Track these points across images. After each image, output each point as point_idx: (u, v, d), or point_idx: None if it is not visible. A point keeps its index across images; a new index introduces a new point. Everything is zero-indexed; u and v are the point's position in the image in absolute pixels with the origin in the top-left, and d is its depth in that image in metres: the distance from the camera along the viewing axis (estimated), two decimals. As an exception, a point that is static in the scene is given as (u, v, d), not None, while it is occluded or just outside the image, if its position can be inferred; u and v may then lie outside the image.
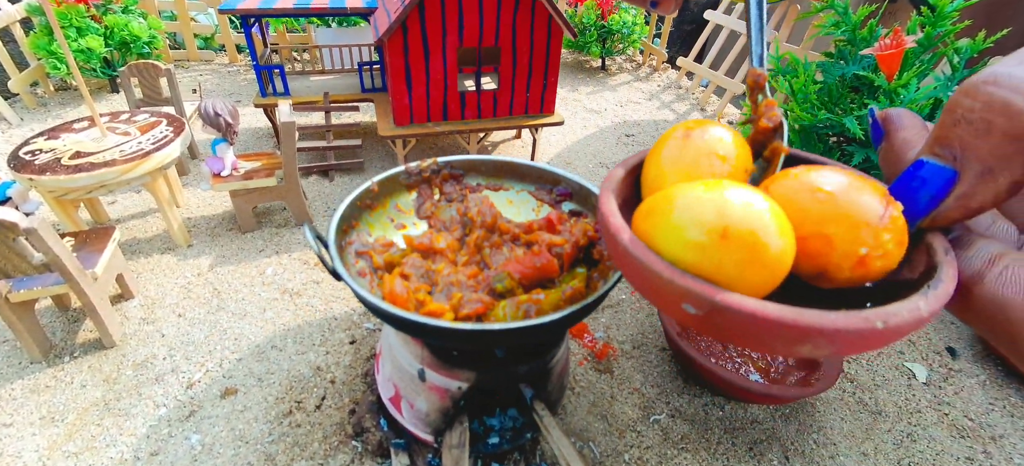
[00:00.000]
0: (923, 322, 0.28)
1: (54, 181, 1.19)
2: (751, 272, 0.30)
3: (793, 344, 0.28)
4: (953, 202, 0.30)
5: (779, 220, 0.32)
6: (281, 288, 1.34)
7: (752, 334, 0.29)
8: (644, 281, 0.33)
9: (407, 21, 1.49)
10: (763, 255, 0.30)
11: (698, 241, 0.31)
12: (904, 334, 0.28)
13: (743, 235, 0.30)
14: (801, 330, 0.27)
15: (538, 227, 0.84)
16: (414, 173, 0.92)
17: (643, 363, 1.18)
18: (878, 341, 0.28)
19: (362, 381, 1.08)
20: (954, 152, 0.29)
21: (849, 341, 0.28)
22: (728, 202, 0.31)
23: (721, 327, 0.30)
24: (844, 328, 0.27)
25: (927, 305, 0.28)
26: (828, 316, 0.27)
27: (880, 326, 0.27)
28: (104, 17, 2.37)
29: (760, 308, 0.28)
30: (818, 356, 0.31)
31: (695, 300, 0.30)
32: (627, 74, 3.24)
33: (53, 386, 1.08)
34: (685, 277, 0.30)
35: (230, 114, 1.35)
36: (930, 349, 1.30)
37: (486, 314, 0.68)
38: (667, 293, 0.31)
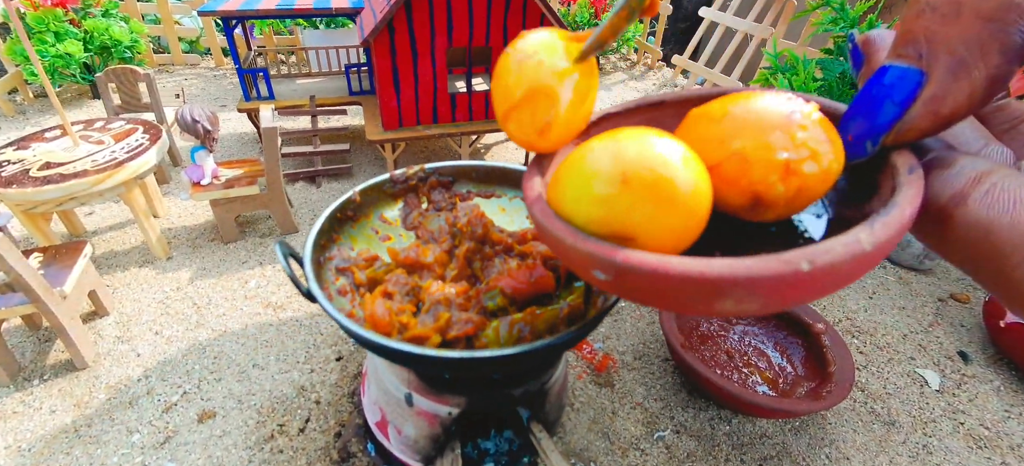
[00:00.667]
0: (866, 258, 0.23)
1: (21, 194, 1.13)
2: (664, 215, 0.28)
3: (711, 300, 0.25)
4: (921, 108, 0.25)
5: (682, 152, 0.29)
6: (264, 301, 1.28)
7: (664, 294, 0.26)
8: (558, 250, 0.31)
9: (393, 21, 1.43)
10: (670, 192, 0.28)
11: (602, 194, 0.29)
12: (845, 275, 0.24)
13: (643, 175, 0.28)
14: (713, 283, 0.24)
15: (532, 237, 0.78)
16: (400, 181, 0.86)
17: (645, 375, 1.12)
18: (811, 287, 0.24)
19: (348, 401, 1.02)
20: (920, 49, 0.24)
21: (773, 289, 0.24)
22: (621, 147, 0.29)
23: (634, 291, 0.27)
24: (761, 274, 0.23)
25: (871, 237, 0.23)
26: (742, 263, 0.23)
27: (806, 268, 0.23)
28: (83, 21, 2.30)
29: (663, 264, 0.25)
30: (746, 311, 0.26)
31: (601, 264, 0.27)
32: (622, 73, 3.19)
33: (21, 412, 1.02)
34: (587, 241, 0.28)
35: (209, 120, 1.29)
36: (941, 354, 1.25)
37: (476, 335, 0.63)
38: (576, 259, 0.29)
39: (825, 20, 1.70)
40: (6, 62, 2.34)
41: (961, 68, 0.23)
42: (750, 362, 1.12)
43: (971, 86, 0.23)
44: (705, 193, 0.29)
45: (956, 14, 0.23)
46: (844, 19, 1.68)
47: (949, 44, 0.23)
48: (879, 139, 0.27)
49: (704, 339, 1.16)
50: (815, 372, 1.07)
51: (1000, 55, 0.22)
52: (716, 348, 1.14)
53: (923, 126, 0.25)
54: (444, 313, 0.63)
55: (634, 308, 1.31)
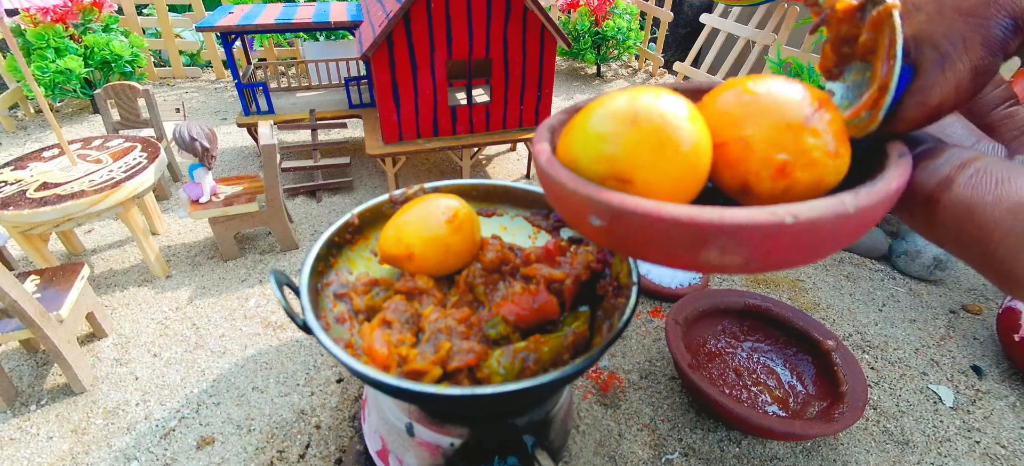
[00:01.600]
0: (848, 220, 0.24)
1: (17, 216, 1.11)
2: (665, 161, 0.29)
3: (697, 248, 0.26)
4: (910, 100, 0.26)
5: (691, 114, 0.31)
6: (264, 321, 1.26)
7: (653, 239, 0.27)
8: (558, 200, 0.32)
9: (392, 35, 1.42)
10: (674, 140, 0.29)
11: (610, 132, 0.31)
12: (828, 236, 0.25)
13: (652, 119, 0.30)
14: (700, 228, 0.25)
15: (536, 258, 0.76)
16: (399, 201, 0.84)
17: (652, 395, 1.10)
18: (795, 243, 0.25)
19: (349, 426, 1.00)
20: (908, 46, 0.26)
21: (757, 240, 0.25)
22: (636, 94, 0.31)
23: (625, 237, 0.29)
24: (748, 223, 0.24)
25: (854, 200, 0.24)
26: (729, 211, 0.24)
27: (789, 220, 0.24)
28: (84, 37, 2.30)
29: (656, 207, 0.26)
30: (730, 265, 0.27)
31: (597, 208, 0.29)
32: (623, 80, 3.18)
33: (17, 439, 1.00)
34: (587, 185, 0.29)
35: (207, 138, 1.28)
36: (955, 369, 1.22)
37: (478, 365, 0.61)
38: (575, 206, 0.30)
39: (829, 27, 1.69)
40: (7, 78, 2.34)
41: (946, 62, 0.25)
42: (759, 380, 1.09)
43: (957, 78, 0.25)
44: (705, 152, 0.31)
45: (939, 11, 0.24)
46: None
47: (933, 39, 0.25)
48: None
49: (711, 357, 1.13)
50: (826, 391, 1.04)
51: (982, 48, 0.24)
52: (724, 366, 1.12)
53: (913, 116, 0.26)
54: (445, 342, 0.61)
55: (640, 325, 1.29)
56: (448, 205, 0.73)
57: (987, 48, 0.24)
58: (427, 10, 1.41)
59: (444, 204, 0.73)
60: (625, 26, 2.96)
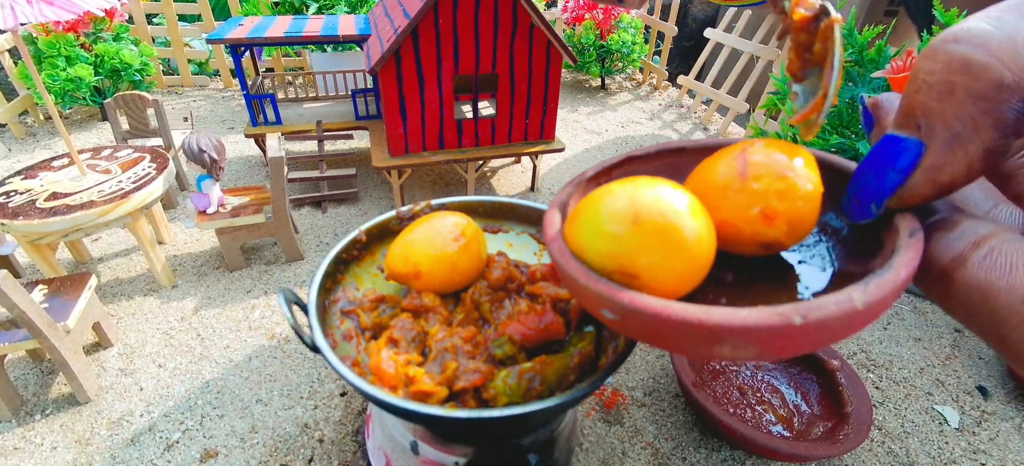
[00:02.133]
0: (858, 316, 0.25)
1: (27, 226, 1.12)
2: (669, 258, 0.30)
3: (709, 344, 0.27)
4: (920, 176, 0.26)
5: (690, 203, 0.32)
6: (269, 333, 1.26)
7: (666, 336, 0.28)
8: (572, 288, 0.33)
9: (400, 49, 1.44)
10: (677, 238, 0.31)
11: (613, 232, 0.32)
12: (837, 331, 0.25)
13: (653, 219, 0.31)
14: (711, 329, 0.26)
15: (541, 276, 0.77)
16: (406, 218, 0.85)
17: (656, 413, 1.10)
18: (804, 339, 0.26)
19: (352, 441, 1.00)
20: (919, 121, 0.26)
21: (767, 340, 0.26)
22: (639, 192, 0.32)
23: (638, 330, 0.30)
24: (756, 325, 0.25)
25: (863, 296, 0.25)
26: (739, 313, 0.25)
27: (798, 322, 0.24)
28: (94, 45, 2.33)
29: (665, 308, 0.27)
30: (742, 358, 0.28)
31: (609, 304, 0.30)
32: (627, 93, 3.19)
33: (22, 448, 1.00)
34: (598, 282, 0.30)
35: (215, 149, 1.29)
36: (960, 389, 1.22)
37: (485, 385, 0.61)
38: (588, 299, 0.32)
39: (833, 45, 1.69)
40: (17, 85, 2.37)
41: (957, 141, 0.24)
42: (763, 399, 1.09)
43: (968, 158, 0.24)
44: (708, 243, 0.32)
45: (949, 92, 0.24)
46: (852, 44, 1.67)
47: (945, 119, 0.25)
48: (883, 203, 0.29)
49: (715, 375, 1.13)
50: (831, 411, 1.04)
51: (994, 130, 0.23)
52: (728, 384, 1.12)
53: (924, 192, 0.27)
54: (451, 362, 0.62)
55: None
56: (455, 223, 0.73)
57: (999, 130, 0.23)
58: (435, 26, 1.43)
59: (451, 222, 0.74)
60: (630, 40, 2.97)
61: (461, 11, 1.43)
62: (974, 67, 0.23)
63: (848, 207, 0.33)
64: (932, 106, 0.25)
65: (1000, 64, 0.22)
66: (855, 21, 1.69)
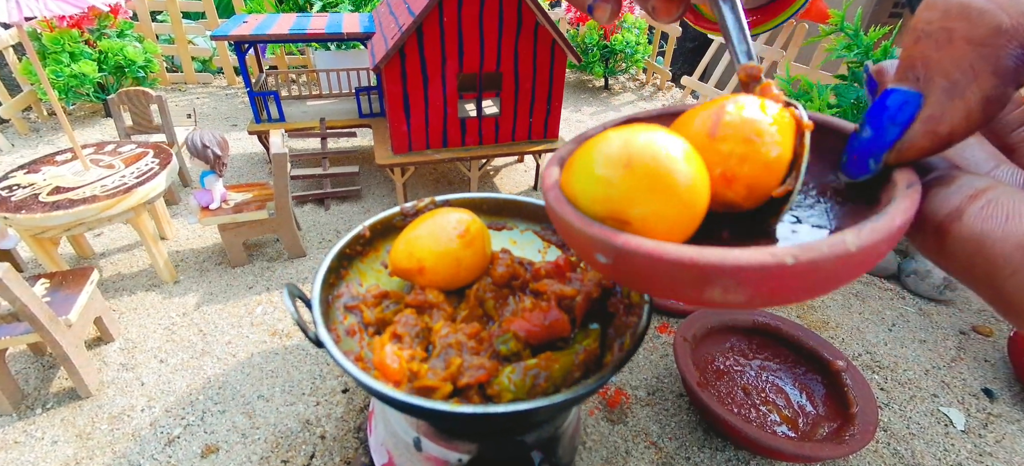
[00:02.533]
0: (851, 260, 0.24)
1: (29, 220, 1.12)
2: (660, 203, 0.30)
3: (700, 287, 0.27)
4: (919, 128, 0.26)
5: (685, 149, 0.31)
6: (271, 329, 1.26)
7: (657, 278, 0.28)
8: (567, 234, 0.33)
9: (405, 48, 1.43)
10: (668, 182, 0.30)
11: (606, 176, 0.31)
12: (829, 276, 0.25)
13: (645, 162, 0.30)
14: (702, 269, 0.26)
15: (546, 273, 0.76)
16: (410, 214, 0.84)
17: (659, 412, 1.09)
18: (797, 283, 0.25)
19: (354, 437, 0.99)
20: (918, 73, 0.25)
21: (758, 280, 0.25)
22: (632, 136, 0.32)
23: (630, 274, 0.30)
24: (748, 264, 0.24)
25: (856, 239, 0.24)
26: (731, 253, 0.25)
27: (790, 261, 0.24)
28: (99, 42, 2.33)
29: (658, 248, 0.27)
30: (733, 303, 0.27)
31: (602, 247, 0.29)
32: (630, 93, 3.19)
33: (22, 442, 1.00)
34: (592, 224, 0.30)
35: (218, 146, 1.29)
36: (966, 391, 1.21)
37: (489, 382, 0.60)
38: (581, 243, 0.31)
39: (839, 45, 1.69)
40: (21, 81, 2.37)
41: (955, 90, 0.24)
42: (768, 399, 1.08)
43: (966, 107, 0.24)
44: (701, 190, 0.31)
45: (948, 40, 0.24)
46: (858, 45, 1.66)
47: (943, 68, 0.24)
48: (881, 157, 0.29)
49: (719, 374, 1.12)
50: (836, 412, 1.03)
51: (993, 77, 0.23)
52: (732, 384, 1.11)
53: (922, 145, 0.26)
54: (455, 358, 0.61)
55: (648, 341, 1.28)
56: (460, 220, 0.73)
57: (999, 78, 0.23)
58: (440, 24, 1.42)
59: (455, 219, 0.73)
60: (633, 40, 2.97)
61: (466, 9, 1.43)
62: (972, 12, 0.23)
63: (846, 165, 0.33)
64: (930, 55, 0.25)
65: (998, 8, 0.22)
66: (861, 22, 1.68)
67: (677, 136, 0.33)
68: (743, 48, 0.37)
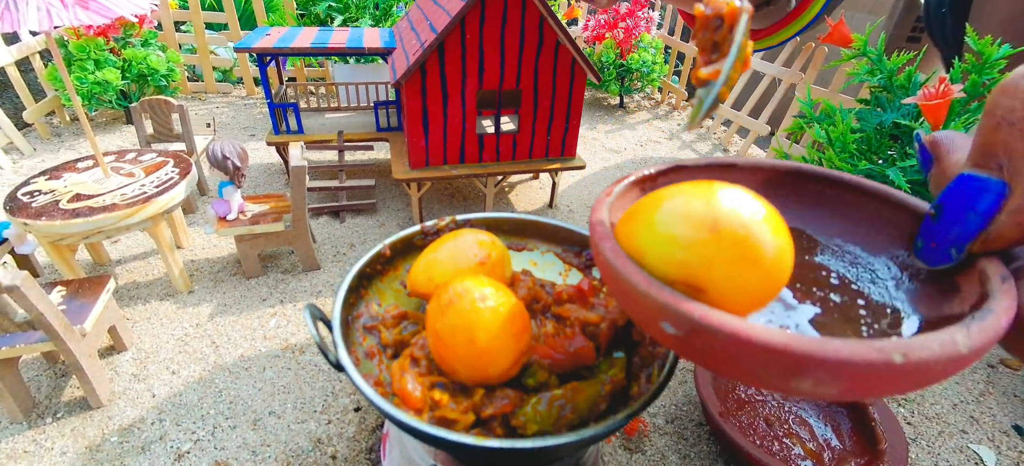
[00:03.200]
0: (960, 361, 0.23)
1: (49, 226, 1.12)
2: (745, 274, 0.27)
3: (788, 377, 0.24)
4: (1007, 219, 0.25)
5: (771, 220, 0.29)
6: (284, 343, 1.24)
7: (738, 361, 0.25)
8: (625, 295, 0.29)
9: (426, 64, 1.43)
10: (757, 253, 0.27)
11: (687, 238, 0.28)
12: (935, 375, 0.23)
13: (735, 229, 0.28)
14: (796, 359, 0.23)
15: (568, 297, 0.74)
16: (431, 233, 0.83)
17: (678, 441, 1.06)
18: (899, 381, 0.23)
19: (366, 459, 0.97)
20: (1000, 161, 0.24)
21: (859, 377, 0.23)
22: (716, 196, 0.29)
23: (704, 352, 0.27)
24: (850, 359, 0.22)
25: (967, 339, 0.23)
26: (832, 343, 0.22)
27: (899, 360, 0.22)
28: (123, 50, 2.37)
29: (746, 329, 0.24)
30: (822, 395, 0.25)
31: (673, 317, 0.26)
32: (646, 112, 3.18)
33: (31, 452, 0.99)
34: (663, 290, 0.27)
35: (238, 157, 1.29)
36: (996, 428, 1.16)
37: (513, 412, 0.58)
38: (645, 308, 0.28)
39: (861, 70, 1.66)
40: (46, 86, 2.41)
41: None
42: (791, 432, 1.05)
43: None
44: (787, 263, 0.29)
45: None
46: (881, 70, 1.64)
47: None
48: (964, 247, 0.27)
49: (741, 404, 1.09)
50: (863, 448, 0.99)
51: None
52: (755, 414, 1.08)
53: (1011, 236, 0.25)
54: (478, 389, 0.59)
55: (665, 365, 1.25)
56: (480, 243, 0.71)
57: None
58: (461, 41, 1.42)
59: (476, 242, 0.71)
60: (650, 59, 2.97)
61: (488, 27, 1.43)
62: None
63: (923, 251, 0.31)
64: (1015, 145, 0.24)
65: None
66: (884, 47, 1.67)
67: (760, 200, 0.30)
68: None
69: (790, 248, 0.29)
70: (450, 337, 0.53)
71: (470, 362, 0.54)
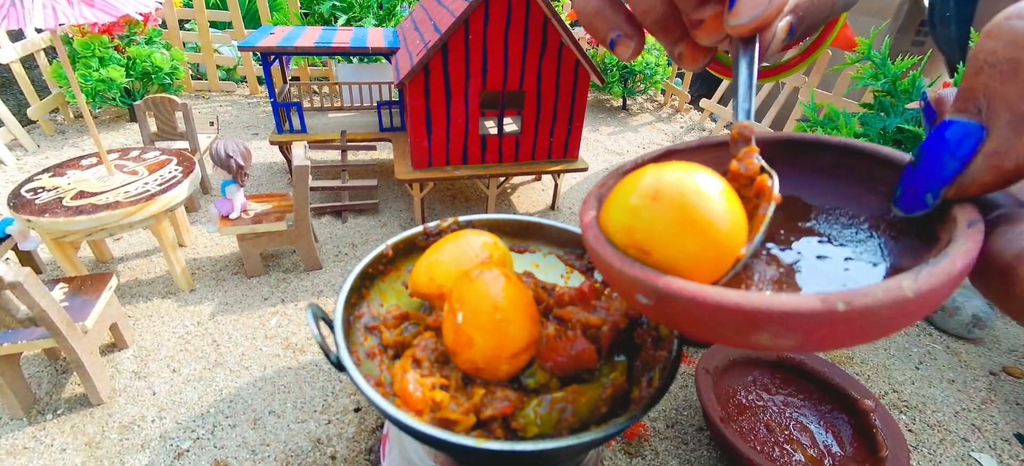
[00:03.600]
0: (907, 307, 0.23)
1: (53, 223, 1.13)
2: (684, 237, 0.30)
3: (747, 332, 0.26)
4: (982, 162, 0.24)
5: (721, 188, 0.31)
6: (284, 342, 1.24)
7: (703, 322, 0.27)
8: (607, 274, 0.33)
9: (429, 64, 1.43)
10: (695, 217, 0.30)
11: (632, 204, 0.32)
12: (884, 322, 0.23)
13: (672, 195, 0.31)
14: (748, 315, 0.25)
15: (569, 299, 0.74)
16: (433, 234, 0.83)
17: (678, 446, 1.06)
18: (849, 329, 0.24)
19: (365, 460, 0.97)
20: (980, 105, 0.24)
21: (809, 328, 0.24)
22: (664, 171, 0.32)
23: (673, 317, 0.29)
24: (796, 310, 0.23)
25: (913, 285, 0.23)
26: (778, 298, 0.23)
27: (842, 308, 0.23)
28: (128, 48, 2.37)
29: (700, 292, 0.26)
30: (784, 347, 0.26)
31: (643, 288, 0.29)
32: (649, 114, 3.18)
33: (32, 448, 0.99)
34: (632, 266, 0.30)
35: (242, 156, 1.29)
36: (998, 436, 1.16)
37: (513, 414, 0.58)
38: (621, 283, 0.31)
39: (866, 74, 1.66)
40: (50, 83, 2.42)
41: (1022, 123, 0.23)
42: (792, 438, 1.05)
43: None
44: (732, 231, 0.31)
45: (1014, 71, 0.23)
46: (885, 74, 1.63)
47: (1009, 101, 0.23)
48: (940, 192, 0.27)
49: (742, 409, 1.09)
50: (865, 455, 0.99)
51: None
52: (755, 420, 1.07)
53: (985, 180, 0.25)
54: (479, 388, 0.59)
55: (666, 369, 1.25)
56: (483, 245, 0.71)
57: None
58: (465, 42, 1.42)
59: (478, 243, 0.71)
60: (653, 61, 2.97)
61: (491, 28, 1.43)
62: None
63: (901, 199, 0.31)
64: (995, 86, 0.23)
65: None
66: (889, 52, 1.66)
67: (714, 175, 0.33)
68: (746, 106, 0.37)
69: (735, 216, 0.31)
70: (476, 303, 0.56)
71: (490, 329, 0.55)
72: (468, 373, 0.60)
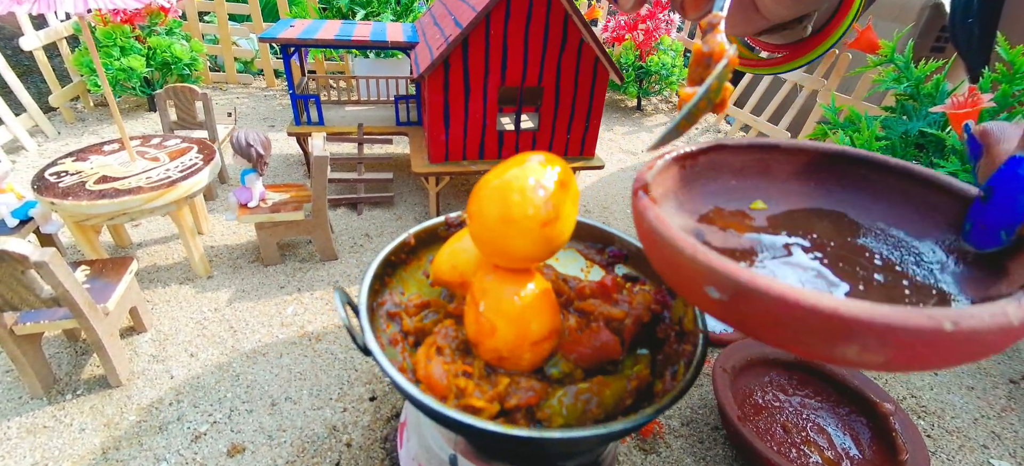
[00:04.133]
0: (1011, 333, 0.22)
1: (76, 206, 1.14)
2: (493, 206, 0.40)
3: (835, 342, 0.24)
4: None
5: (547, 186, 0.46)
6: (301, 330, 1.25)
7: (785, 325, 0.25)
8: (667, 262, 0.30)
9: (449, 59, 1.44)
10: (506, 199, 0.38)
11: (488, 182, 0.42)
12: (984, 347, 0.23)
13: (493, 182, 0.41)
14: (843, 322, 0.22)
15: (590, 292, 0.74)
16: (454, 224, 0.83)
17: (694, 444, 1.05)
18: (948, 351, 0.23)
19: (380, 448, 0.98)
20: None
21: (907, 344, 0.22)
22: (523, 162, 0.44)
23: (748, 316, 0.26)
24: (900, 324, 0.22)
25: (1018, 312, 0.22)
26: (880, 308, 0.22)
27: (949, 327, 0.21)
28: (148, 38, 2.40)
29: (793, 291, 0.24)
30: (867, 363, 0.24)
31: (719, 280, 0.26)
32: (663, 115, 3.16)
33: (51, 427, 1.01)
34: (709, 254, 0.27)
35: (262, 145, 1.30)
36: (1017, 444, 1.14)
37: (538, 404, 0.58)
38: (689, 273, 0.28)
39: (887, 77, 1.64)
40: (71, 71, 2.45)
41: None
42: (809, 439, 1.03)
43: None
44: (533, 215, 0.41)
45: None
46: (908, 77, 1.61)
47: None
48: (1015, 230, 0.27)
49: (758, 409, 1.08)
50: (884, 459, 0.98)
51: None
52: (771, 420, 1.06)
53: None
54: (503, 377, 0.59)
55: (681, 368, 1.24)
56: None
57: None
58: (486, 37, 1.42)
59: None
60: (669, 62, 2.95)
61: (512, 23, 1.43)
62: None
63: (971, 234, 0.31)
64: None
65: None
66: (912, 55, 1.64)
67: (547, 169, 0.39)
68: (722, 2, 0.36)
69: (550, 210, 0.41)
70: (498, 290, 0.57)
71: (513, 317, 0.55)
72: (491, 363, 0.60)
